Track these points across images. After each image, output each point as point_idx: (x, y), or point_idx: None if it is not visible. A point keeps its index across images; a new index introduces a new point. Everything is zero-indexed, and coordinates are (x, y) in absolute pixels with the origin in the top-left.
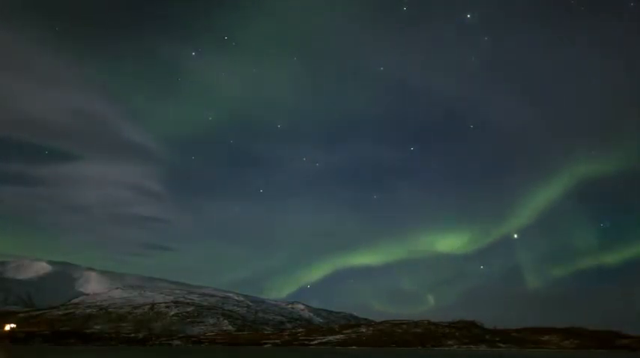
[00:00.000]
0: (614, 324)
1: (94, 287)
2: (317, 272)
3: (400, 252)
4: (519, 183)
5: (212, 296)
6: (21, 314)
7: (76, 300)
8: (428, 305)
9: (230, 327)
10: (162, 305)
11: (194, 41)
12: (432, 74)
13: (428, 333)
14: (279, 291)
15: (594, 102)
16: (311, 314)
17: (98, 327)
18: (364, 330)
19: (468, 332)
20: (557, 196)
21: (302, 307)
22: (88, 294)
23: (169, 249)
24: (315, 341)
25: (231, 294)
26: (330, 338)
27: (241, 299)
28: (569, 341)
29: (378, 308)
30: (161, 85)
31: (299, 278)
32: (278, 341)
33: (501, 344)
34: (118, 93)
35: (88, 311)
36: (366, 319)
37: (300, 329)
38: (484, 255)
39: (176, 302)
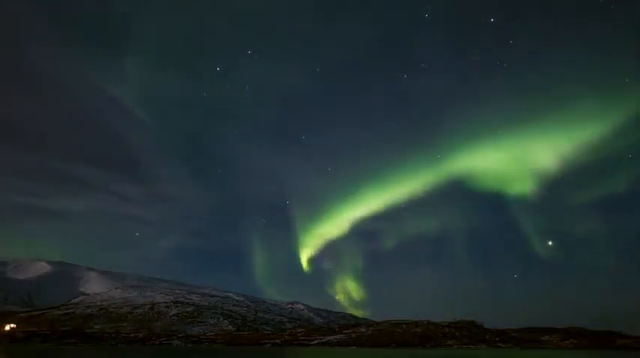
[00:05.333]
0: (614, 324)
1: (94, 287)
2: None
3: None
4: None
5: (212, 296)
6: (21, 314)
7: (76, 300)
8: (428, 305)
9: (230, 327)
10: (162, 305)
11: None
12: None
13: (428, 333)
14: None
15: None
16: (311, 314)
17: (98, 327)
18: (364, 330)
19: (468, 332)
20: None
21: (302, 307)
22: (88, 294)
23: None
24: (315, 341)
25: (231, 294)
26: (330, 338)
27: (241, 299)
28: (569, 341)
29: (378, 307)
30: None
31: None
32: (278, 341)
33: (501, 344)
34: None
35: (88, 311)
36: (365, 319)
37: (300, 329)
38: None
39: (176, 302)
